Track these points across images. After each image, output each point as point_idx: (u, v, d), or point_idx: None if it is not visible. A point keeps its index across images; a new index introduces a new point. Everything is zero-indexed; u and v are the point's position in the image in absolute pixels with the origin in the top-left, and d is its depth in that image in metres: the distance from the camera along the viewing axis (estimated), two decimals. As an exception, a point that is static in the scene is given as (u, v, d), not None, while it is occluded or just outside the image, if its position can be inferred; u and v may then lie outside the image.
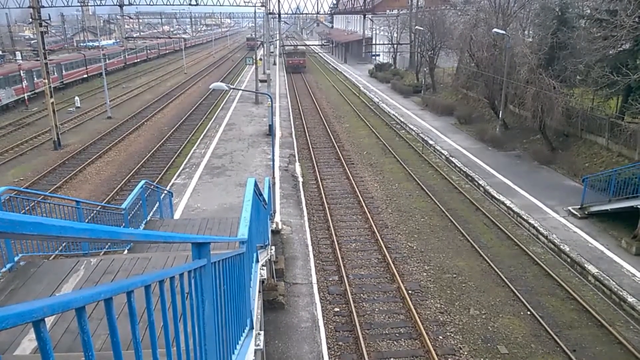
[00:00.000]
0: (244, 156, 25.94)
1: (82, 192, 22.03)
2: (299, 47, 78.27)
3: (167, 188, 18.38)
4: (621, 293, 12.84)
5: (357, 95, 47.18)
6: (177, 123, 36.23)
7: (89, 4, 65.77)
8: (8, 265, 6.73)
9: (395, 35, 57.68)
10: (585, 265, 14.28)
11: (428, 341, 11.49)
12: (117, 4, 64.55)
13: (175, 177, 22.73)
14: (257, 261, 8.02)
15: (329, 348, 11.34)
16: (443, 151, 26.48)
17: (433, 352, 11.11)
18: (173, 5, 62.33)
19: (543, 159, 23.45)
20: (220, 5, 59.63)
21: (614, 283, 13.26)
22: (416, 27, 47.97)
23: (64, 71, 50.87)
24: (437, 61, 43.69)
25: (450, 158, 25.28)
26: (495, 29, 26.10)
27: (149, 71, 70.35)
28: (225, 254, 4.11)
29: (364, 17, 69.80)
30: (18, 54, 52.75)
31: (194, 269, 3.04)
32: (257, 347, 5.90)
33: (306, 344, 11.30)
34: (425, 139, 29.16)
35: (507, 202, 19.12)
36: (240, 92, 44.37)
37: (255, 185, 7.09)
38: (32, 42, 71.43)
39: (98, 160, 27.35)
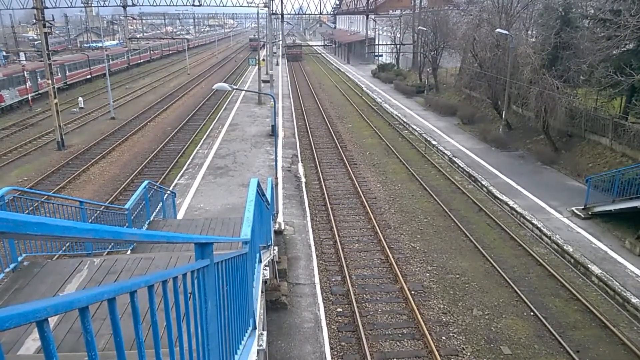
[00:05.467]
0: (246, 156, 25.96)
1: (85, 193, 22.09)
2: (296, 41, 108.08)
3: (170, 188, 18.42)
4: (625, 294, 12.80)
5: (359, 96, 47.16)
6: (181, 123, 36.28)
7: (93, 5, 65.94)
8: (12, 265, 6.75)
9: (398, 35, 57.65)
10: (589, 265, 14.24)
11: (431, 341, 11.47)
12: (121, 4, 64.69)
13: (178, 177, 22.77)
14: (260, 261, 8.02)
15: (331, 348, 11.34)
16: (446, 151, 26.44)
17: (436, 353, 11.09)
18: (176, 5, 62.43)
19: (546, 159, 23.39)
20: (224, 6, 59.76)
21: (617, 284, 13.22)
22: (419, 27, 47.94)
23: (67, 72, 51.00)
24: (440, 61, 43.65)
25: (453, 158, 25.24)
26: (498, 29, 26.05)
27: (152, 72, 70.50)
28: (228, 254, 4.11)
29: (367, 18, 69.79)
30: (22, 54, 53.03)
31: (197, 269, 3.04)
32: (260, 347, 5.90)
33: (309, 344, 11.30)
34: (428, 139, 29.13)
35: (511, 203, 19.08)
36: (243, 92, 44.42)
37: (258, 185, 7.09)
38: (36, 42, 71.66)
39: (101, 161, 27.42)
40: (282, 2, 65.40)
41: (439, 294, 13.85)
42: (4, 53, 58.46)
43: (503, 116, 27.73)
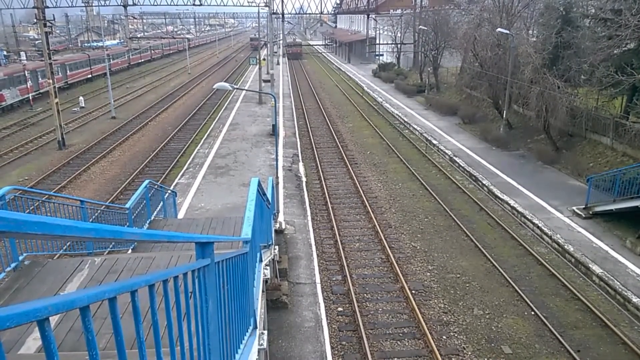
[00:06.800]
0: (247, 156, 25.97)
1: (86, 192, 22.10)
2: (296, 40, 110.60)
3: (171, 188, 18.44)
4: (626, 293, 12.79)
5: (360, 95, 47.15)
6: (181, 123, 36.29)
7: (93, 5, 66.00)
8: (13, 265, 6.75)
9: (399, 35, 57.61)
10: (590, 265, 14.23)
11: (432, 341, 11.47)
12: (121, 4, 64.71)
13: (179, 176, 22.77)
14: (261, 261, 8.03)
15: (332, 348, 11.34)
16: (447, 151, 26.43)
17: (437, 352, 11.09)
18: (177, 5, 62.44)
19: (547, 158, 23.37)
20: (224, 6, 59.74)
21: (618, 283, 13.21)
22: (420, 26, 47.92)
23: (68, 71, 51.03)
24: (440, 61, 43.63)
25: (454, 158, 25.22)
26: (499, 29, 26.03)
27: (152, 71, 70.50)
28: (229, 253, 4.11)
29: (368, 17, 69.76)
30: (23, 54, 53.06)
31: (198, 268, 3.04)
32: (261, 346, 5.90)
33: (309, 343, 11.30)
34: (429, 138, 29.12)
35: (511, 202, 19.07)
36: (244, 92, 44.43)
37: (259, 184, 7.09)
38: (37, 42, 71.68)
39: (102, 160, 27.43)
40: (282, 2, 65.45)
41: (440, 294, 13.85)
42: (5, 52, 58.49)
43: (504, 116, 27.71)
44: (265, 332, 6.68)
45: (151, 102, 45.10)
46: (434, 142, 28.37)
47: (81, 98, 43.30)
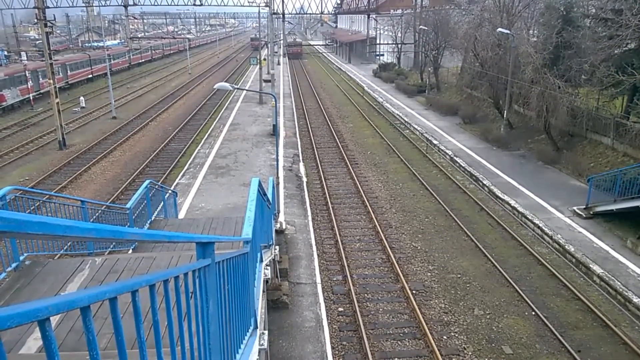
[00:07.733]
0: (248, 156, 25.97)
1: (87, 192, 22.10)
2: (296, 40, 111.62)
3: (172, 188, 18.44)
4: (626, 293, 12.78)
5: (361, 95, 47.14)
6: (182, 123, 36.29)
7: (94, 5, 66.06)
8: (13, 265, 6.76)
9: (399, 35, 57.60)
10: (590, 265, 14.22)
11: (432, 341, 11.46)
12: (122, 4, 64.74)
13: (179, 176, 22.78)
14: (261, 261, 8.03)
15: (332, 348, 11.34)
16: (447, 151, 26.42)
17: (437, 352, 11.08)
18: (177, 5, 62.49)
19: (548, 158, 23.35)
20: (225, 6, 59.83)
21: (619, 283, 13.20)
22: (420, 26, 47.91)
23: (69, 71, 51.05)
24: (441, 61, 43.61)
25: (455, 158, 25.21)
26: (499, 29, 26.02)
27: (153, 71, 70.51)
28: (230, 253, 4.11)
29: (368, 17, 69.76)
30: (23, 54, 53.11)
31: (198, 268, 3.04)
32: (261, 346, 5.91)
33: (310, 343, 11.30)
34: (430, 138, 29.11)
35: (512, 202, 19.06)
36: (245, 92, 44.43)
37: (259, 185, 7.09)
38: (37, 42, 71.74)
39: (103, 160, 27.44)
40: (283, 2, 65.48)
41: (440, 294, 13.85)
42: (6, 53, 58.50)
43: (504, 116, 27.70)
44: (266, 332, 6.69)
45: (152, 102, 45.11)
46: (435, 142, 28.36)
47: (82, 98, 43.30)
